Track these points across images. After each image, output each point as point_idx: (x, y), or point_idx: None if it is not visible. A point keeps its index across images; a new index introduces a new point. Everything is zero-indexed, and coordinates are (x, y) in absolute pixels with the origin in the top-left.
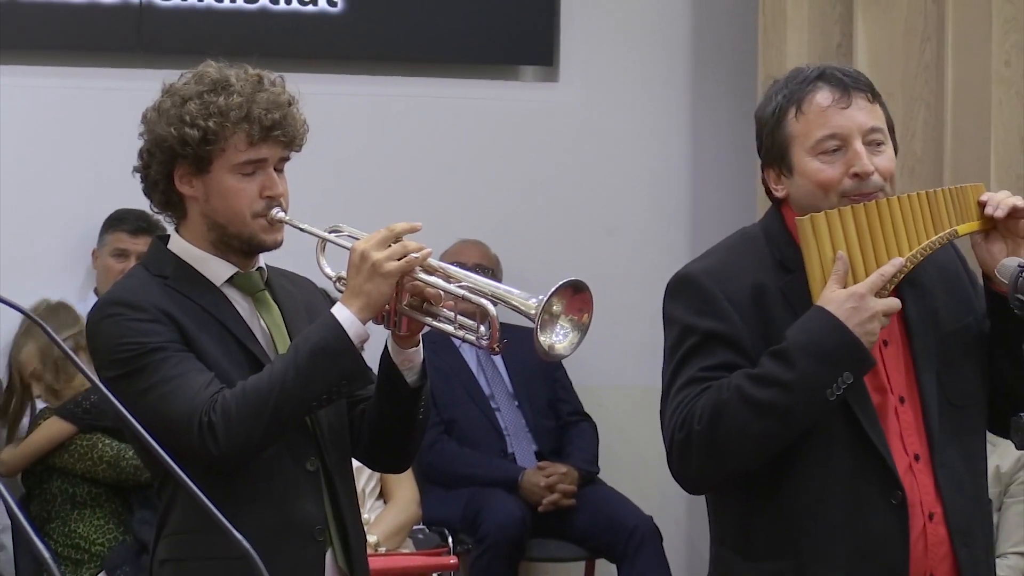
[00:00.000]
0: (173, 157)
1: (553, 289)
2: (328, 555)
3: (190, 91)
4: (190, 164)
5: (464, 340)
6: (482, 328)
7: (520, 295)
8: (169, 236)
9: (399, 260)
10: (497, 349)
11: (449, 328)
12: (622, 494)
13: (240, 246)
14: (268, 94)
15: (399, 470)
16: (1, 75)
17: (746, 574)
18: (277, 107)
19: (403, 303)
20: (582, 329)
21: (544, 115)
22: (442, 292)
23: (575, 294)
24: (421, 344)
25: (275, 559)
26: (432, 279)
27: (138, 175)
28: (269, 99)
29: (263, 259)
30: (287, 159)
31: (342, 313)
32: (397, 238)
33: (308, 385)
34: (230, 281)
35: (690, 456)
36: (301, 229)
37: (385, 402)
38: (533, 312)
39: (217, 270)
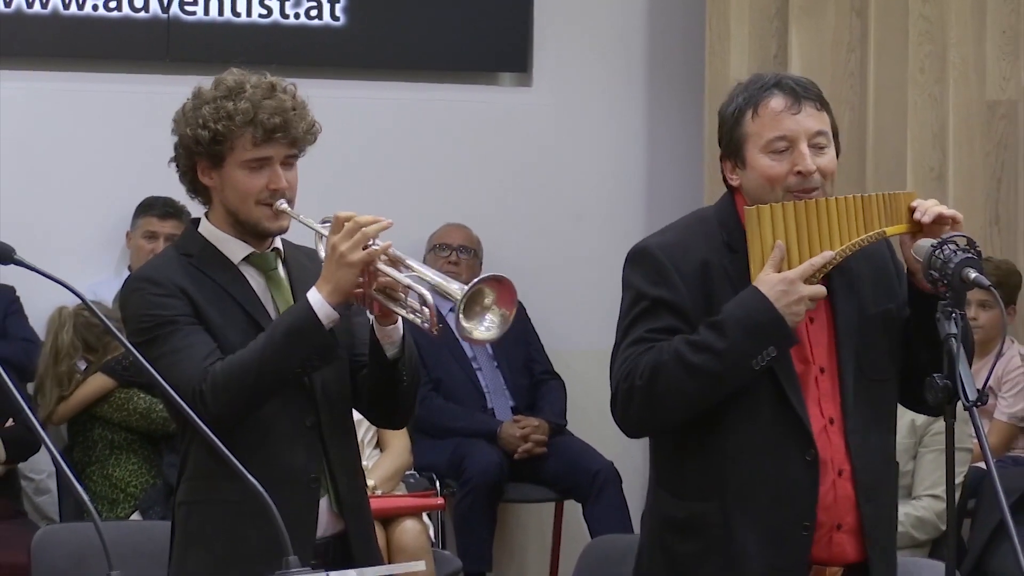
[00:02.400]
0: (192, 153)
1: (475, 281)
2: (324, 501)
3: (209, 96)
4: (207, 159)
5: (413, 322)
6: (425, 311)
7: (455, 287)
8: (200, 219)
9: (363, 251)
10: (435, 332)
11: (402, 312)
12: (587, 443)
13: (250, 231)
14: (275, 101)
15: (396, 427)
16: (45, 80)
17: (676, 512)
18: (281, 112)
19: (372, 288)
20: (505, 322)
21: (519, 116)
22: (393, 280)
23: (499, 284)
24: (400, 323)
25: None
26: (387, 269)
27: (173, 166)
28: (275, 105)
29: (282, 237)
30: (294, 156)
31: (314, 297)
32: (365, 231)
33: (283, 359)
34: (247, 260)
35: (630, 405)
36: (298, 220)
37: (374, 369)
38: (457, 298)
39: (235, 250)
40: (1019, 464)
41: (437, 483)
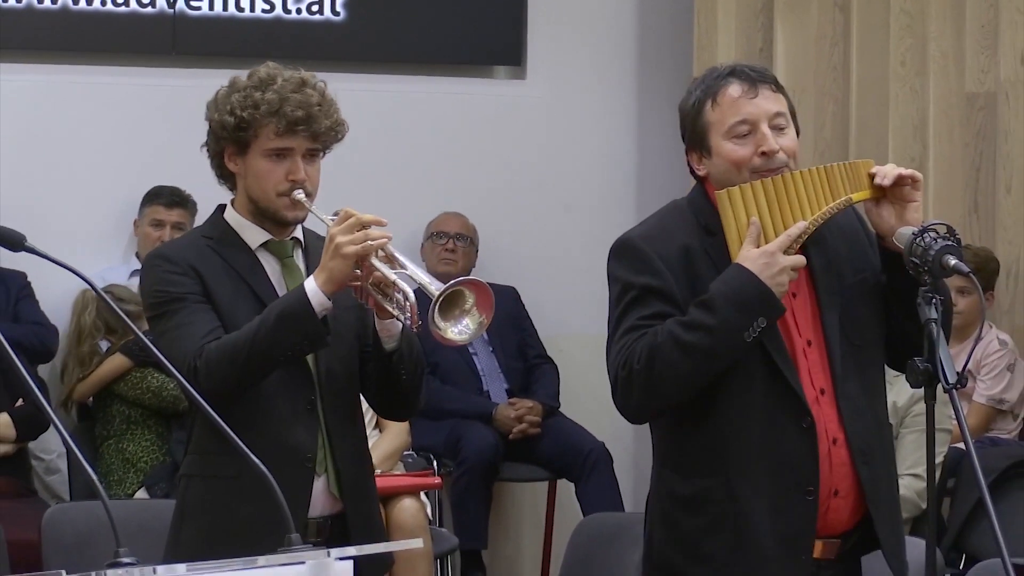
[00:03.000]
0: (220, 138)
1: (453, 282)
2: (320, 481)
3: (241, 84)
4: (233, 145)
5: (398, 319)
6: (408, 308)
7: (435, 286)
8: (225, 205)
9: (358, 245)
10: (416, 329)
11: (390, 307)
12: (579, 424)
13: (270, 218)
14: (302, 95)
15: (400, 419)
16: (53, 73)
17: (683, 489)
18: (306, 107)
19: (368, 282)
20: (480, 328)
21: (513, 108)
22: (383, 276)
23: (477, 288)
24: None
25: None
26: (380, 265)
27: (198, 152)
28: (300, 100)
29: (307, 227)
30: (317, 150)
31: (309, 284)
32: (364, 226)
33: (274, 343)
34: (264, 246)
35: (630, 391)
36: (310, 211)
37: (376, 361)
38: (435, 296)
39: (253, 236)
40: (997, 444)
41: (434, 463)
